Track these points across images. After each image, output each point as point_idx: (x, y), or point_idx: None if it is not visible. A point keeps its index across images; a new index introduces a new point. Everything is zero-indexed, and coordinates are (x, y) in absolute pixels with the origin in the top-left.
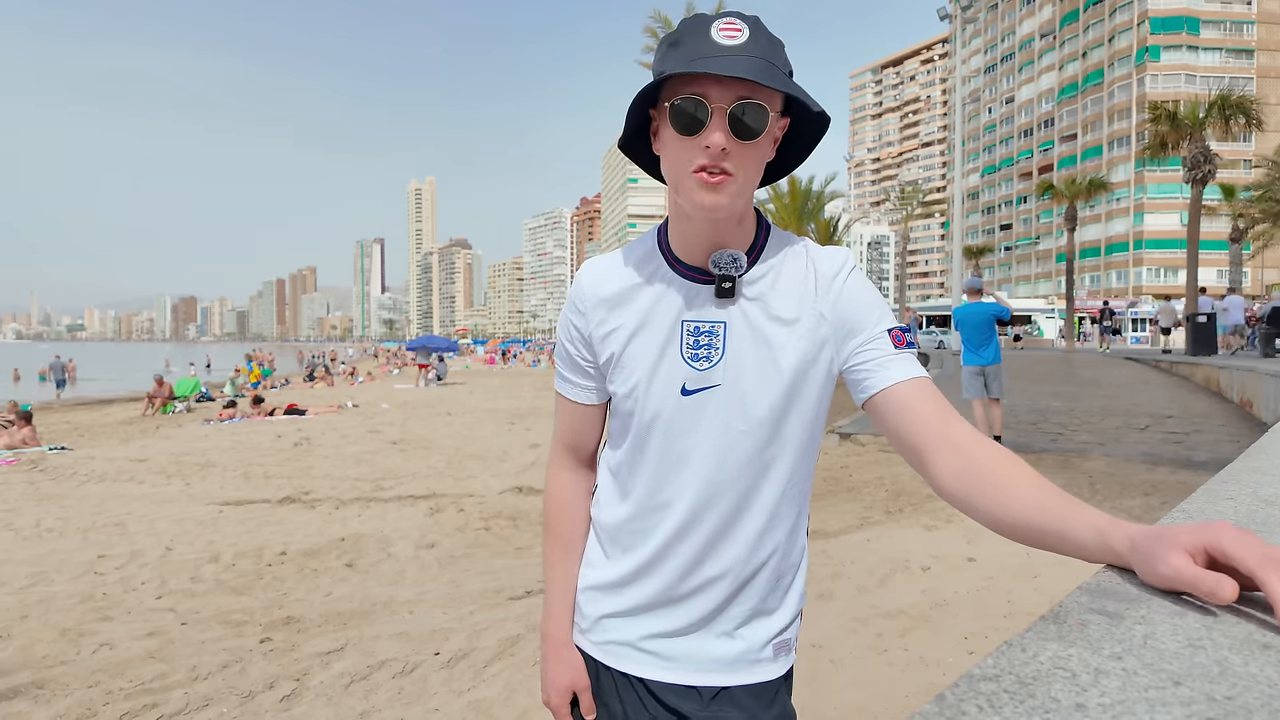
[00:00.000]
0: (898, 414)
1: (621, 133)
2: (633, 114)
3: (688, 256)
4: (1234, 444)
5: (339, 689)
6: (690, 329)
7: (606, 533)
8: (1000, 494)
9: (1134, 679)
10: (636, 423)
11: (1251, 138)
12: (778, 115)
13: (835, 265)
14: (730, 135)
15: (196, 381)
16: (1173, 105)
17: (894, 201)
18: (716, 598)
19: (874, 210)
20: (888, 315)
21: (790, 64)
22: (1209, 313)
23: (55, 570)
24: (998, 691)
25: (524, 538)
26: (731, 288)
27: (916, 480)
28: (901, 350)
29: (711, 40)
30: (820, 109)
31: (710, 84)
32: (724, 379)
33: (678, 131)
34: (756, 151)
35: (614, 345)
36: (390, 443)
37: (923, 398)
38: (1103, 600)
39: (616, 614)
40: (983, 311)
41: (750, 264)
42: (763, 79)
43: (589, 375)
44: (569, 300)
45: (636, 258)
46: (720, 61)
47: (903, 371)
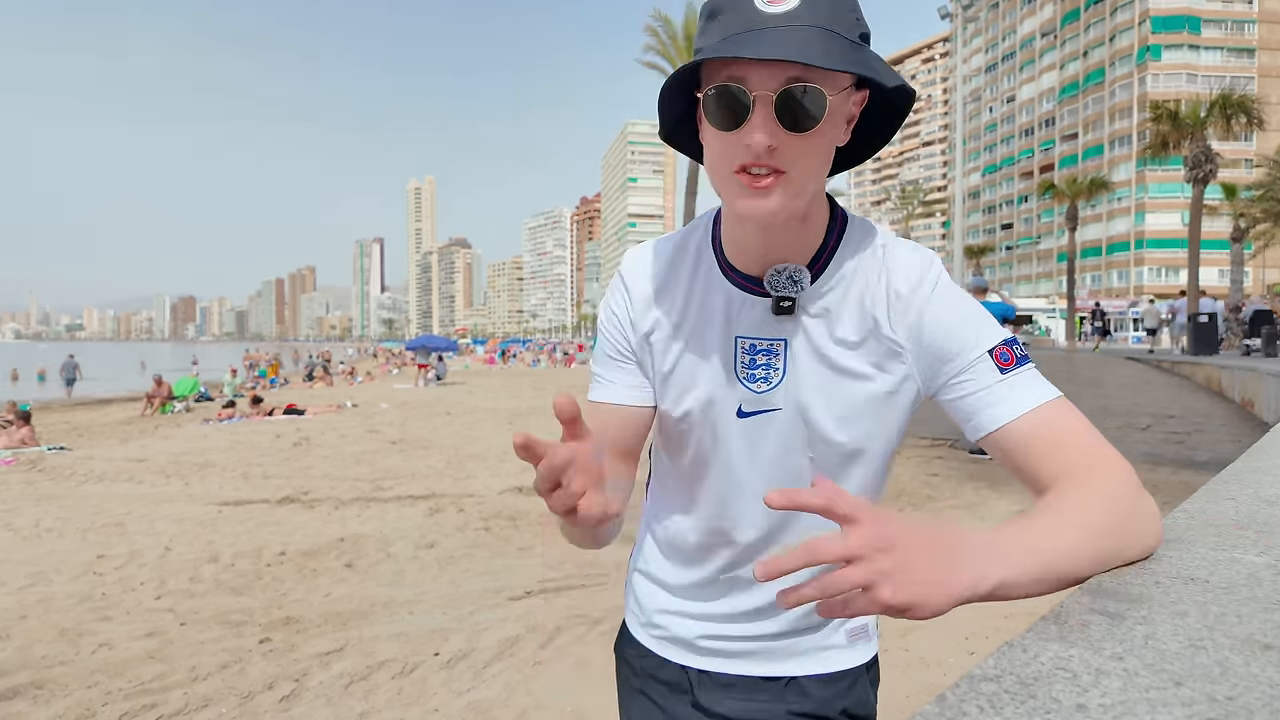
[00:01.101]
0: (1018, 459)
1: (659, 123)
2: (670, 101)
3: (741, 264)
4: (1235, 444)
5: (338, 689)
6: (746, 345)
7: (665, 540)
8: None
9: (1135, 679)
10: (691, 444)
11: (1253, 137)
12: (847, 92)
13: (913, 279)
14: (779, 127)
15: (195, 381)
16: (1174, 104)
17: (895, 201)
18: (767, 616)
19: (875, 209)
20: (987, 331)
21: (864, 24)
22: (1210, 312)
23: (54, 570)
24: (999, 692)
25: (524, 538)
26: (791, 306)
27: (916, 480)
28: (1010, 372)
29: (754, 9)
30: (900, 81)
31: (751, 65)
32: (785, 403)
33: (716, 126)
34: (815, 143)
35: (660, 352)
36: (390, 443)
37: (1036, 438)
38: (1104, 600)
39: (675, 612)
40: (989, 311)
41: (816, 274)
42: (815, 59)
43: (625, 371)
44: (610, 289)
45: (687, 252)
46: (761, 38)
47: (1015, 405)
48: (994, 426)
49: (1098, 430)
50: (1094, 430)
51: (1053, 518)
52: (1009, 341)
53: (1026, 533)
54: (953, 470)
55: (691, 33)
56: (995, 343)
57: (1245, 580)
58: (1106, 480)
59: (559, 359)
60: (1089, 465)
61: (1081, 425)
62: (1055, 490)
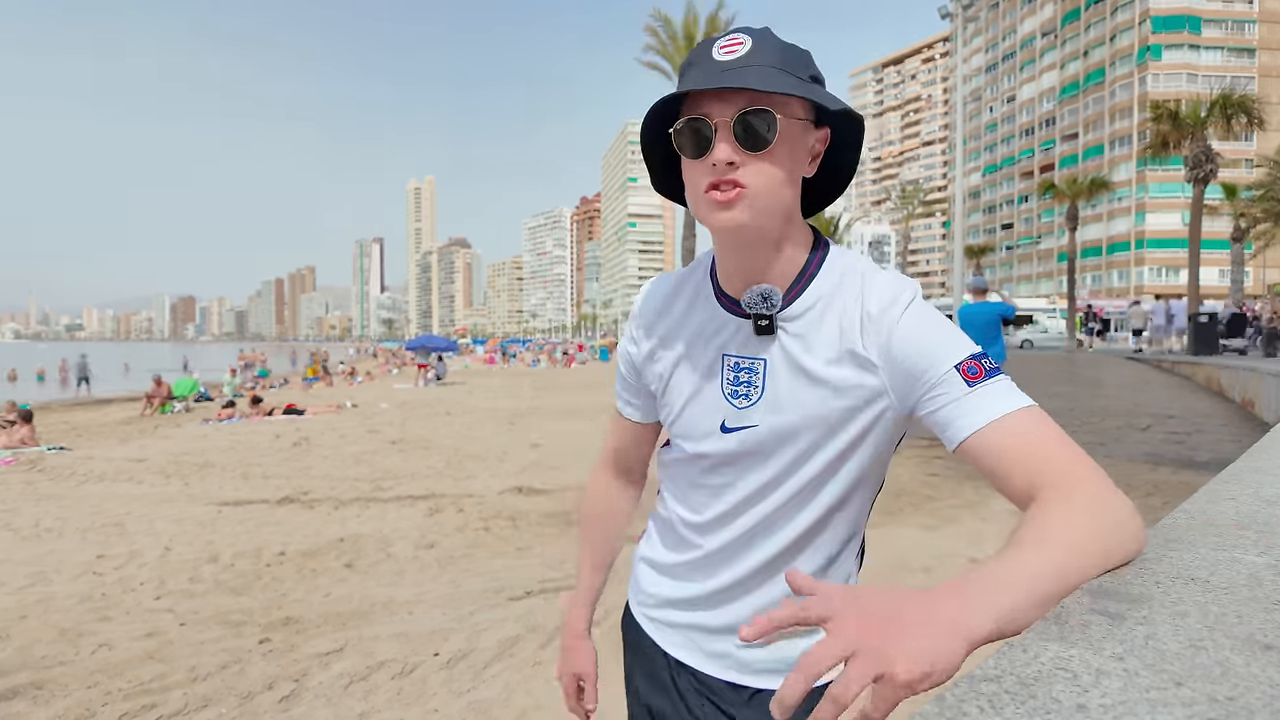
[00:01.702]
0: (990, 467)
1: (650, 174)
2: (654, 152)
3: (729, 288)
4: (1235, 444)
5: (338, 690)
6: (730, 364)
7: (665, 527)
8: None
9: (1135, 679)
10: (677, 452)
11: (1253, 137)
12: (804, 124)
13: (884, 301)
14: (737, 147)
15: (195, 381)
16: (1174, 104)
17: (895, 200)
18: (744, 613)
19: (875, 209)
20: (955, 347)
21: (815, 69)
22: (1211, 312)
23: (54, 570)
24: (999, 692)
25: (524, 538)
26: (769, 325)
27: (916, 480)
28: (977, 384)
29: (712, 60)
30: (842, 106)
31: (711, 101)
32: (762, 420)
33: (687, 156)
34: (772, 161)
35: (659, 369)
36: (389, 443)
37: (1005, 447)
38: (1104, 601)
39: (670, 600)
40: (988, 311)
41: (793, 297)
42: (756, 84)
43: (635, 392)
44: (630, 317)
45: (692, 280)
46: (719, 78)
47: (982, 415)
48: (963, 436)
49: (1071, 439)
50: (1065, 438)
51: (1037, 534)
52: (977, 356)
53: (1012, 560)
54: (952, 470)
55: (691, 32)
56: (962, 357)
57: (1245, 580)
58: (1084, 492)
59: (559, 359)
60: (1061, 474)
61: (1052, 433)
62: (1035, 505)
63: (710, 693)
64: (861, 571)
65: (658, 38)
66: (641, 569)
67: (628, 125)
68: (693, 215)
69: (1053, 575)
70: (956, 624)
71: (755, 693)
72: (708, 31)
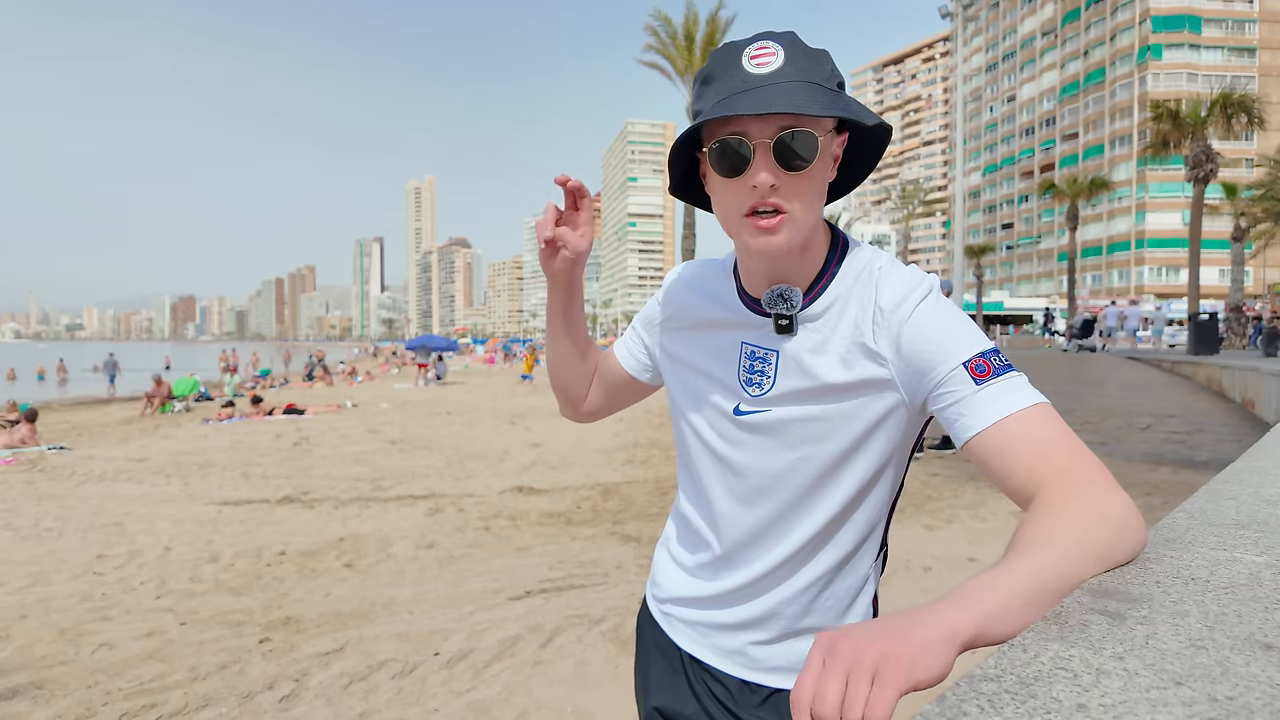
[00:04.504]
0: (994, 466)
1: (669, 179)
2: (677, 158)
3: (751, 288)
4: (1236, 443)
5: (338, 689)
6: (749, 351)
7: (682, 524)
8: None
9: (1135, 679)
10: (692, 438)
11: (1253, 136)
12: (831, 135)
13: (897, 297)
14: (778, 169)
15: (195, 381)
16: (1174, 104)
17: (895, 200)
18: (758, 610)
19: (875, 209)
20: (964, 344)
21: (839, 74)
22: (1211, 312)
23: (54, 570)
24: (999, 692)
25: (524, 538)
26: (789, 325)
27: (916, 480)
28: (985, 382)
29: (743, 71)
30: (878, 120)
31: (749, 119)
32: (773, 408)
33: (722, 175)
34: (810, 180)
35: (678, 349)
36: (389, 442)
37: (1010, 445)
38: (1104, 600)
39: (685, 598)
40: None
41: (813, 297)
42: (802, 107)
43: (635, 343)
44: (660, 291)
45: (719, 272)
46: (754, 96)
47: (988, 414)
48: (968, 436)
49: (1078, 437)
50: (1069, 436)
51: (1034, 534)
52: (987, 353)
53: (1006, 560)
54: (953, 470)
55: (691, 32)
56: (971, 354)
57: (1245, 580)
58: (1084, 491)
59: None
60: (1061, 473)
61: (1056, 431)
62: (1035, 504)
63: (724, 691)
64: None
65: (658, 37)
66: (659, 565)
67: (628, 125)
68: (725, 232)
69: (1050, 574)
70: (941, 619)
71: (769, 695)
72: (708, 31)
